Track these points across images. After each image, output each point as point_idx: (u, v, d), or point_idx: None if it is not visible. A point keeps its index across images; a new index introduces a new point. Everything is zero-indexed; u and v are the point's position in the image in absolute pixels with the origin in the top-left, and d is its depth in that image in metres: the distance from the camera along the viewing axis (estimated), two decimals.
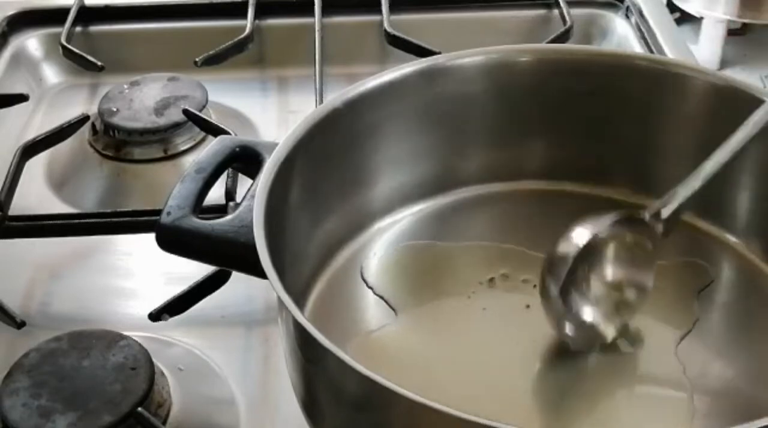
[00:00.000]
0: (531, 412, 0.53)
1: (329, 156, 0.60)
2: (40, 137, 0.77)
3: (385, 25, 0.90)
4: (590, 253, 0.54)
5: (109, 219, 0.71)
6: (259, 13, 0.93)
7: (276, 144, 0.56)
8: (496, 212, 0.67)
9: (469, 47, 0.65)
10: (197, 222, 0.54)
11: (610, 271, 0.55)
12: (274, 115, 0.88)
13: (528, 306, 0.59)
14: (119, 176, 0.79)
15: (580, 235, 0.54)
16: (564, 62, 0.65)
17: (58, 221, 0.71)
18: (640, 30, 0.91)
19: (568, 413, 0.53)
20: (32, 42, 0.94)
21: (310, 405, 0.51)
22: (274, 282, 0.47)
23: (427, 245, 0.64)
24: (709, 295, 0.60)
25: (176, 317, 0.63)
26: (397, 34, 0.88)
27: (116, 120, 0.80)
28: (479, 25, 0.94)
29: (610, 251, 0.55)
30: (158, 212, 0.55)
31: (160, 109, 0.81)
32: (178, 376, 0.60)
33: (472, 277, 0.61)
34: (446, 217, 0.66)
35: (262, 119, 0.86)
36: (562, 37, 0.88)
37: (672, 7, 0.97)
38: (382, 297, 0.60)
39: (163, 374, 0.59)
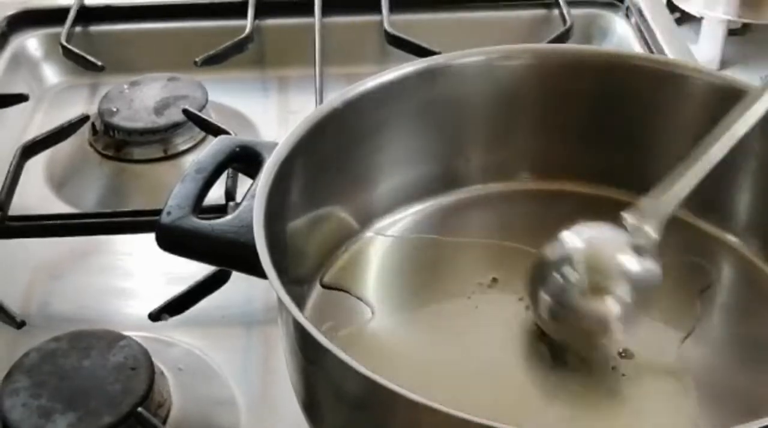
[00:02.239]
0: (531, 412, 0.53)
1: (329, 156, 0.60)
2: (40, 137, 0.77)
3: (385, 25, 0.90)
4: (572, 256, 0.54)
5: (109, 219, 0.71)
6: (259, 13, 0.93)
7: (276, 144, 0.56)
8: (496, 212, 0.67)
9: (469, 47, 0.65)
10: (197, 222, 0.54)
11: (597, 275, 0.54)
12: (274, 115, 0.88)
13: (528, 307, 0.59)
14: (119, 176, 0.79)
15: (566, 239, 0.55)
16: (564, 62, 0.65)
17: (58, 221, 0.71)
18: (640, 30, 0.91)
19: (568, 413, 0.53)
20: (32, 42, 0.94)
21: (310, 405, 0.51)
22: (274, 282, 0.47)
23: (427, 244, 0.64)
24: (709, 295, 0.60)
25: (176, 318, 0.63)
26: (397, 34, 0.88)
27: (116, 120, 0.80)
28: (479, 25, 0.94)
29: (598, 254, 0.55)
30: (158, 212, 0.55)
31: (160, 109, 0.81)
32: (178, 376, 0.60)
33: (472, 277, 0.61)
34: (446, 217, 0.66)
35: (262, 119, 0.86)
36: (562, 37, 0.88)
37: (672, 7, 0.96)
38: (364, 302, 0.60)
39: (163, 374, 0.59)
